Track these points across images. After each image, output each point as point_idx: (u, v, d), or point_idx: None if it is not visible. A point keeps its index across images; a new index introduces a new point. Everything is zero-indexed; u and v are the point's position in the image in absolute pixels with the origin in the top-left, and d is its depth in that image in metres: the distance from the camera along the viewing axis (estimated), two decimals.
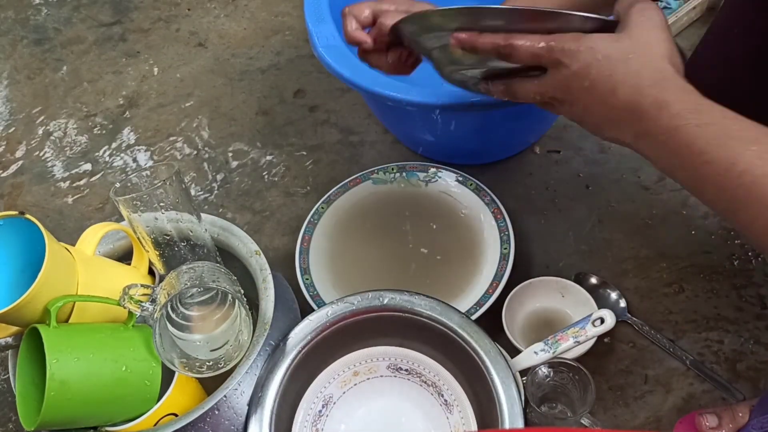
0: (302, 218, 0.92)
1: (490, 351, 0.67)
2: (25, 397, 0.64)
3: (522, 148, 0.98)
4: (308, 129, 1.08)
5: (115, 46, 1.27)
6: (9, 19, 1.36)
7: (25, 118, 1.19)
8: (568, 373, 0.71)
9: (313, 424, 0.73)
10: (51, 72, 1.25)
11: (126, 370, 0.64)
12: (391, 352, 0.74)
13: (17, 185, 1.10)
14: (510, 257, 0.82)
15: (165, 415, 0.67)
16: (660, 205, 0.90)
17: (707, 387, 0.76)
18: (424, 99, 0.78)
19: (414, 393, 0.74)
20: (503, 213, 0.87)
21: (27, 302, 0.61)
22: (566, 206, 0.92)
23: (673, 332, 0.80)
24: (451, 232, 0.89)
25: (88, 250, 0.70)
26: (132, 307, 0.66)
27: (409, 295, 0.71)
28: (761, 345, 0.78)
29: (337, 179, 0.97)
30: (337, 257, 0.89)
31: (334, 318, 0.71)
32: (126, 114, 1.16)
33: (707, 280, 0.83)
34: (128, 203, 0.68)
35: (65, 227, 1.03)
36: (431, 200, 0.92)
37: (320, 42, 0.85)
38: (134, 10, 1.33)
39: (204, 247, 0.73)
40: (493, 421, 0.64)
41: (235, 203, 1.01)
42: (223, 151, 1.07)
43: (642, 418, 0.75)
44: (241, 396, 0.67)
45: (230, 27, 1.27)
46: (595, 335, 0.69)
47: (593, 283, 0.83)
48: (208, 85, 1.17)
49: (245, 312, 0.67)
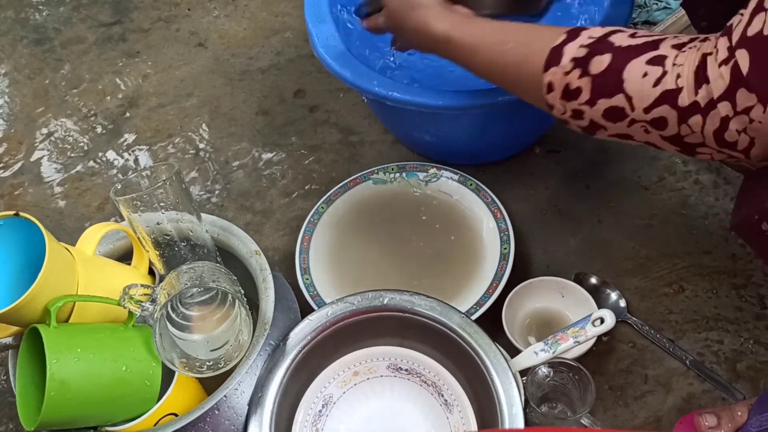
0: (302, 218, 0.92)
1: (490, 351, 0.67)
2: (25, 397, 0.64)
3: (522, 148, 0.98)
4: (308, 129, 1.08)
5: (115, 46, 1.27)
6: (9, 19, 1.36)
7: (25, 118, 1.19)
8: (568, 373, 0.71)
9: (313, 424, 0.73)
10: (51, 72, 1.25)
11: (126, 370, 0.64)
12: (391, 352, 0.74)
13: (17, 185, 1.10)
14: (510, 257, 0.82)
15: (165, 415, 0.67)
16: (660, 205, 0.90)
17: (707, 387, 0.76)
18: (424, 99, 0.79)
19: (414, 393, 0.74)
20: (503, 213, 0.87)
21: (27, 302, 0.61)
22: (566, 206, 0.92)
23: (673, 332, 0.80)
24: (451, 232, 0.89)
25: (88, 250, 0.70)
26: (132, 307, 0.66)
27: (409, 295, 0.71)
28: (761, 345, 0.78)
29: (337, 179, 0.97)
30: (337, 257, 0.89)
31: (334, 318, 0.71)
32: (126, 114, 1.16)
33: (707, 280, 0.83)
34: (128, 203, 0.68)
35: (65, 227, 1.03)
36: (431, 200, 0.92)
37: (320, 42, 0.85)
38: (134, 10, 1.33)
39: (204, 247, 0.73)
40: (493, 421, 0.64)
41: (235, 203, 1.01)
42: (224, 151, 1.08)
43: (642, 418, 0.75)
44: (241, 396, 0.67)
45: (230, 27, 1.27)
46: (595, 335, 0.69)
47: (593, 283, 0.83)
48: (208, 85, 1.17)
49: (245, 312, 0.67)
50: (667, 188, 0.92)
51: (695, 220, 0.88)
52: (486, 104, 0.78)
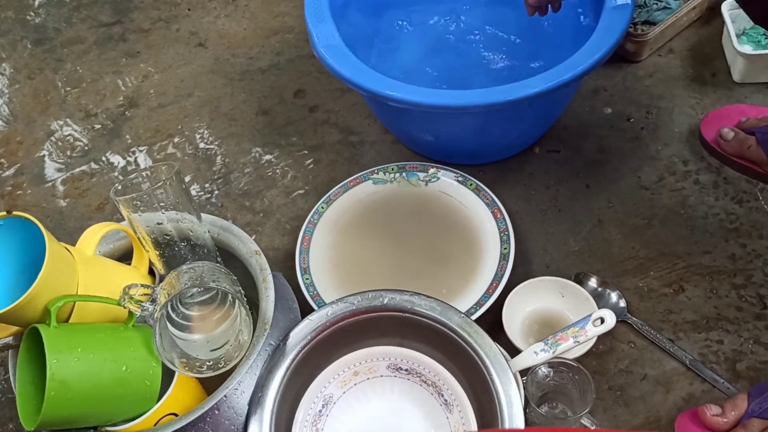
0: (302, 218, 0.92)
1: (490, 351, 0.67)
2: (25, 397, 0.64)
3: (522, 148, 0.98)
4: (308, 129, 1.08)
5: (116, 46, 1.27)
6: (9, 19, 1.36)
7: (25, 118, 1.19)
8: (568, 373, 0.71)
9: (313, 424, 0.73)
10: (51, 72, 1.25)
11: (126, 370, 0.64)
12: (391, 352, 0.74)
13: (17, 185, 1.10)
14: (510, 257, 0.82)
15: (165, 415, 0.67)
16: (660, 205, 0.90)
17: (707, 387, 0.76)
18: (424, 99, 0.79)
19: (414, 393, 0.74)
20: (503, 213, 0.87)
21: (27, 302, 0.61)
22: (566, 206, 0.92)
23: (673, 332, 0.80)
24: (451, 232, 0.89)
25: (88, 250, 0.70)
26: (132, 307, 0.66)
27: (409, 295, 0.71)
28: (761, 345, 0.78)
29: (337, 179, 0.97)
30: (337, 257, 0.89)
31: (334, 318, 0.71)
32: (126, 114, 1.16)
33: (707, 280, 0.83)
34: (128, 203, 0.68)
35: (65, 227, 1.03)
36: (431, 200, 0.92)
37: (320, 42, 0.85)
38: (134, 10, 1.33)
39: (204, 247, 0.73)
40: (493, 421, 0.64)
41: (235, 203, 1.01)
42: (224, 151, 1.08)
43: (642, 418, 0.75)
44: (241, 396, 0.67)
45: (230, 27, 1.27)
46: (595, 335, 0.69)
47: (593, 283, 0.83)
48: (209, 85, 1.17)
49: (245, 312, 0.67)
50: (667, 188, 0.92)
51: (695, 220, 0.88)
52: (486, 104, 0.78)
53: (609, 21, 0.81)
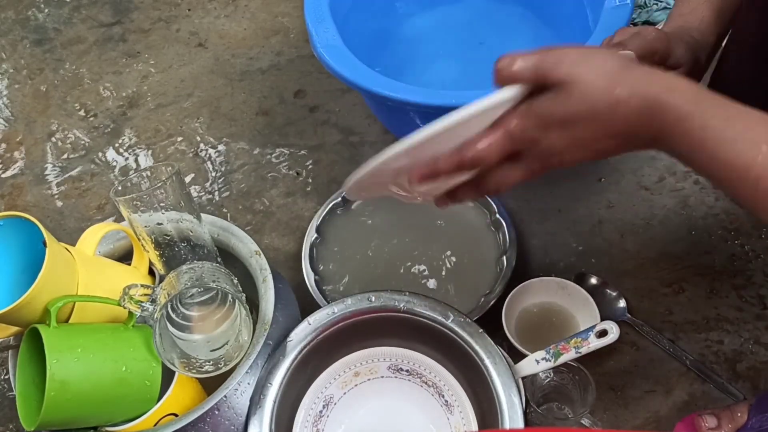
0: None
1: (490, 351, 0.67)
2: (25, 397, 0.64)
3: None
4: (308, 129, 1.08)
5: (116, 46, 1.27)
6: (9, 19, 1.36)
7: (25, 118, 1.19)
8: (568, 374, 0.71)
9: (313, 424, 0.73)
10: (51, 72, 1.25)
11: (126, 370, 0.64)
12: (392, 352, 0.74)
13: (17, 185, 1.10)
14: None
15: (165, 415, 0.67)
16: (660, 205, 0.90)
17: (707, 387, 0.76)
18: (424, 99, 0.78)
19: (415, 394, 0.74)
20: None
21: (27, 302, 0.61)
22: (566, 206, 0.92)
23: (673, 332, 0.80)
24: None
25: (88, 250, 0.70)
26: (132, 307, 0.66)
27: (409, 295, 0.71)
28: (761, 345, 0.78)
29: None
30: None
31: (334, 318, 0.71)
32: (126, 114, 1.16)
33: (707, 280, 0.83)
34: (128, 203, 0.68)
35: (65, 227, 1.03)
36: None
37: (320, 42, 0.85)
38: (134, 10, 1.33)
39: (204, 248, 0.73)
40: (494, 421, 0.64)
41: (235, 203, 1.01)
42: (224, 151, 1.08)
43: (642, 418, 0.75)
44: (241, 396, 0.67)
45: (230, 27, 1.27)
46: (598, 347, 0.67)
47: (593, 283, 0.83)
48: (209, 86, 1.17)
49: (245, 312, 0.67)
50: (667, 188, 0.92)
51: (695, 220, 0.88)
52: None
53: (609, 21, 0.81)
